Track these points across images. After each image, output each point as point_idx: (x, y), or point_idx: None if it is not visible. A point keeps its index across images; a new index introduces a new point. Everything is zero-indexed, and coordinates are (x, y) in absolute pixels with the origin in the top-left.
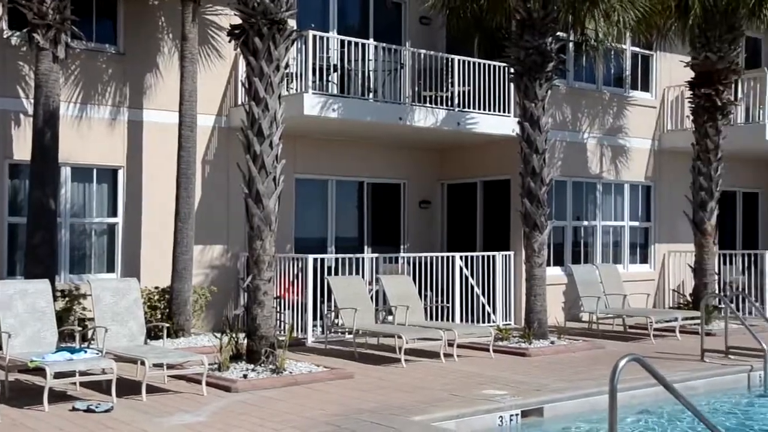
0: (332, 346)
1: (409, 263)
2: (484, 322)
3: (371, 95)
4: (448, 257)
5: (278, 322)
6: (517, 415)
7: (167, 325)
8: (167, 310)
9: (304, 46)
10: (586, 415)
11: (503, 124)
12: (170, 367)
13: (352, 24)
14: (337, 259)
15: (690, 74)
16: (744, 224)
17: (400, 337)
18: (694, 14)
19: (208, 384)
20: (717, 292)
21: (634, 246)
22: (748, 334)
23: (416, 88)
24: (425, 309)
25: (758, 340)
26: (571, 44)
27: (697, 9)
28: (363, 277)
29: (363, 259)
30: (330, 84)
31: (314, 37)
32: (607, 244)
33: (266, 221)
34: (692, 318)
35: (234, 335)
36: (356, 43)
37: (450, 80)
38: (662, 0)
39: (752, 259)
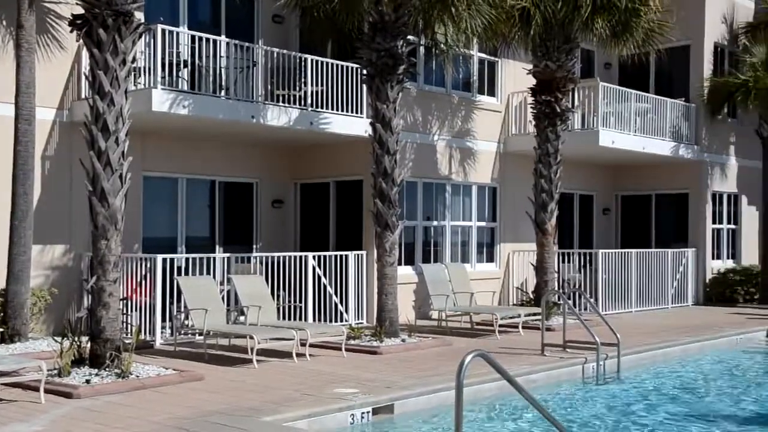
0: (182, 348)
1: (261, 263)
2: (336, 321)
3: (223, 93)
4: (301, 257)
5: (125, 324)
6: (368, 412)
7: (1, 329)
8: (2, 314)
9: (152, 40)
10: (435, 410)
11: (356, 125)
12: (4, 374)
13: (203, 19)
14: (187, 259)
15: (532, 81)
16: (580, 224)
17: (251, 337)
18: (535, 24)
19: (48, 391)
20: (556, 289)
21: (481, 245)
22: (584, 329)
23: (269, 87)
24: (278, 309)
25: (592, 334)
26: (421, 48)
27: (538, 19)
28: (214, 277)
29: (214, 258)
30: (180, 80)
31: (163, 31)
32: (455, 244)
33: (111, 220)
34: (534, 314)
35: (76, 339)
36: (207, 39)
37: (303, 80)
38: (507, 9)
39: (588, 257)
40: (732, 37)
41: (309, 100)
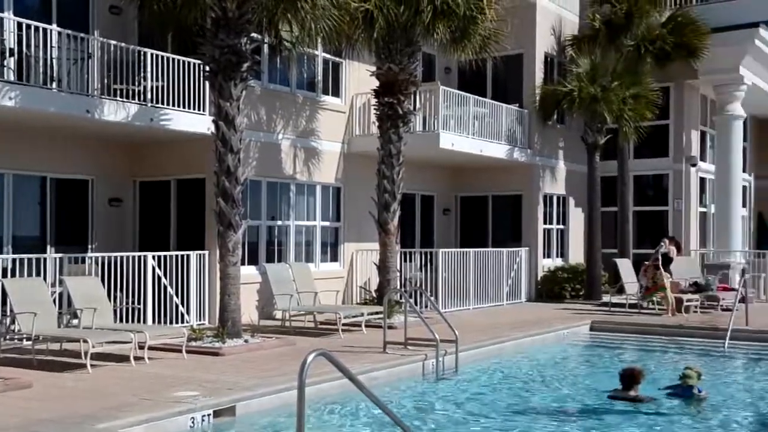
0: (7, 355)
1: (97, 263)
2: (178, 322)
3: (55, 85)
4: (140, 257)
5: None
6: (209, 415)
7: None
8: None
9: None
10: (278, 410)
11: (198, 122)
12: None
13: (32, 6)
14: (14, 260)
15: (376, 83)
16: (422, 224)
17: (85, 341)
18: (378, 27)
19: None
20: (398, 287)
21: (325, 245)
22: (424, 326)
23: (106, 81)
24: (115, 311)
25: (432, 331)
26: (266, 46)
27: (381, 22)
28: (45, 278)
29: (45, 259)
30: (6, 70)
31: None
32: (300, 244)
33: None
34: (377, 313)
35: None
36: (37, 28)
37: (143, 74)
38: (351, 11)
39: (429, 256)
40: (560, 48)
41: (149, 96)
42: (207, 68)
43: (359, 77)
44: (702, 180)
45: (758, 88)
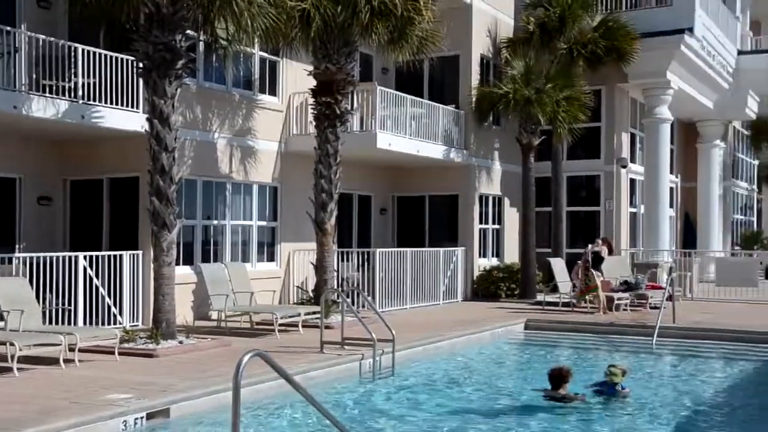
0: None
1: (25, 264)
2: (110, 324)
3: None
4: (70, 257)
5: None
6: (142, 417)
7: None
8: None
9: None
10: (213, 412)
11: (132, 120)
12: None
13: None
14: None
15: (313, 82)
16: (359, 224)
17: (12, 344)
18: (315, 26)
19: None
20: (335, 287)
21: (262, 245)
22: (361, 326)
23: (35, 76)
24: (44, 313)
25: (369, 331)
26: (201, 43)
27: (318, 21)
28: None
29: None
30: None
31: None
32: (236, 243)
33: None
34: (314, 313)
35: None
36: None
37: (74, 70)
38: (288, 10)
39: (366, 256)
40: (496, 50)
41: (80, 93)
42: (140, 65)
43: (297, 76)
44: (632, 181)
45: (684, 93)
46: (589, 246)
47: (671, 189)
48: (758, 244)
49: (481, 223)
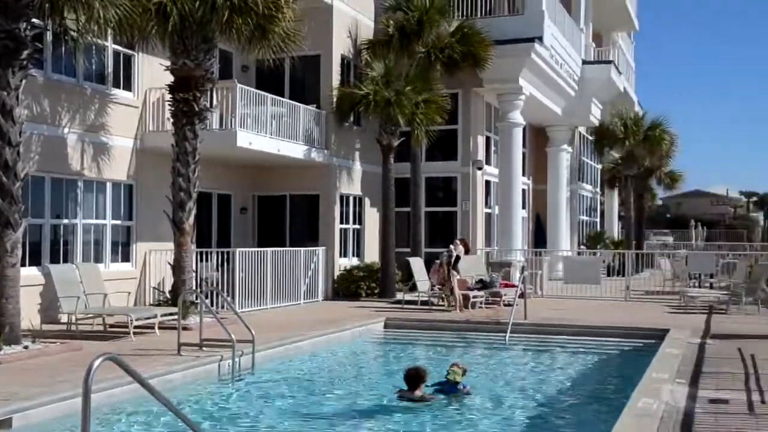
0: None
1: None
2: None
3: None
4: None
5: None
6: None
7: None
8: None
9: None
10: (62, 419)
11: None
12: None
13: None
14: None
15: (170, 78)
16: (219, 224)
17: None
18: (173, 21)
19: None
20: (194, 288)
21: (116, 244)
22: (220, 327)
23: None
24: None
25: (228, 331)
26: (49, 33)
27: (175, 16)
28: None
29: None
30: None
31: None
32: (88, 243)
33: None
34: (171, 314)
35: None
36: None
37: None
38: (143, 2)
39: (225, 256)
40: (356, 51)
41: None
42: None
43: (153, 71)
44: (487, 183)
45: (535, 99)
46: (451, 246)
47: (523, 191)
48: (601, 243)
49: (341, 222)
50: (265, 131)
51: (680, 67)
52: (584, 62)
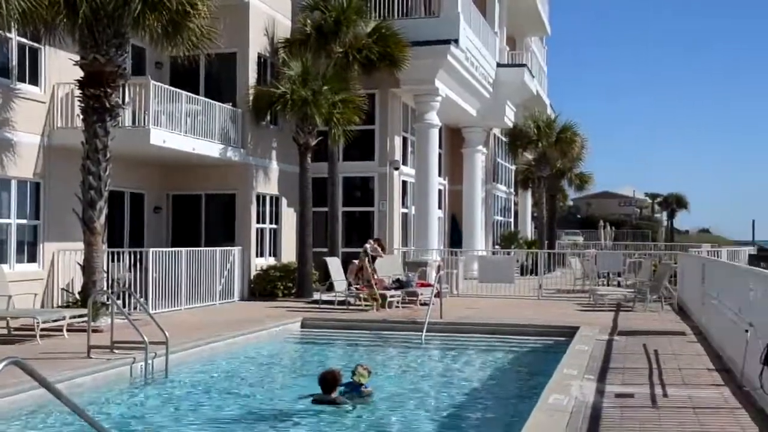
0: None
1: None
2: None
3: None
4: None
5: None
6: None
7: None
8: None
9: None
10: None
11: None
12: None
13: None
14: None
15: (80, 73)
16: (131, 223)
17: None
18: (83, 14)
19: None
20: (105, 289)
21: (22, 244)
22: (133, 328)
23: None
24: None
25: (140, 333)
26: None
27: (85, 9)
28: None
29: None
30: None
31: None
32: None
33: None
34: (80, 316)
35: None
36: None
37: None
38: None
39: (138, 256)
40: (273, 50)
41: None
42: None
43: (62, 66)
44: (404, 183)
45: (451, 100)
46: (367, 246)
47: (439, 191)
48: (515, 243)
49: (258, 222)
50: (180, 129)
51: (589, 73)
52: (499, 65)
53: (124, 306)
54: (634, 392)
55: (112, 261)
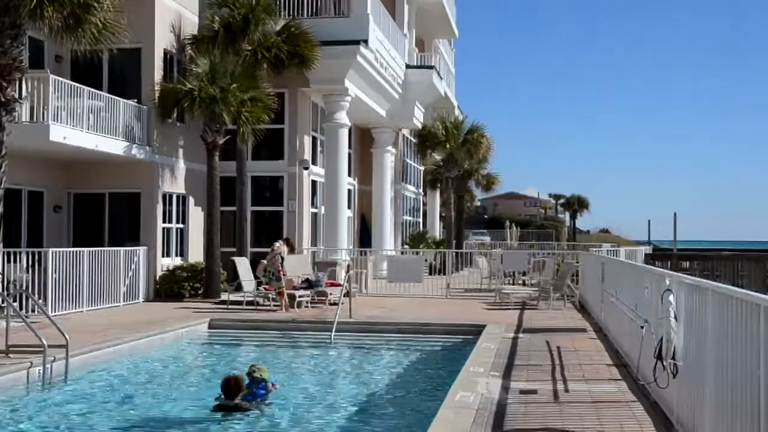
0: None
1: None
2: None
3: None
4: None
5: None
6: None
7: None
8: None
9: None
10: None
11: None
12: None
13: None
14: None
15: None
16: (29, 222)
17: None
18: None
19: None
20: (0, 291)
21: None
22: (30, 331)
23: None
24: None
25: (38, 336)
26: None
27: None
28: None
29: None
30: None
31: None
32: None
33: None
34: None
35: None
36: None
37: None
38: None
39: (37, 257)
40: (180, 46)
41: None
42: None
43: None
44: (314, 183)
45: (361, 100)
46: (276, 246)
47: (349, 191)
48: (423, 243)
49: (164, 222)
50: (82, 125)
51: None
52: (408, 66)
53: (20, 308)
54: (538, 388)
55: (9, 262)
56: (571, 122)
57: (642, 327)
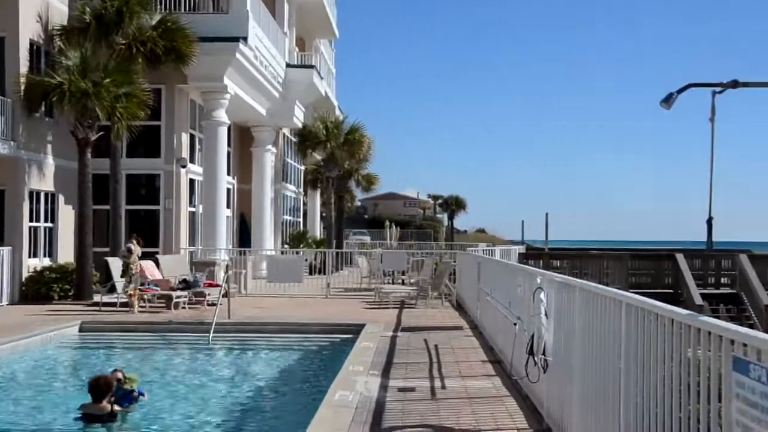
0: None
1: None
2: None
3: None
4: None
5: None
6: None
7: None
8: None
9: None
10: None
11: None
12: None
13: None
14: None
15: None
16: None
17: None
18: None
19: None
20: None
21: None
22: None
23: None
24: None
25: None
26: None
27: None
28: None
29: None
30: None
31: None
32: None
33: None
34: None
35: None
36: None
37: None
38: None
39: None
40: (48, 37)
41: None
42: None
43: None
44: (192, 181)
45: (240, 98)
46: (129, 245)
47: (228, 190)
48: (304, 242)
49: (31, 221)
50: None
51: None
52: (288, 65)
53: None
54: (416, 386)
55: None
56: (448, 124)
57: (515, 324)
